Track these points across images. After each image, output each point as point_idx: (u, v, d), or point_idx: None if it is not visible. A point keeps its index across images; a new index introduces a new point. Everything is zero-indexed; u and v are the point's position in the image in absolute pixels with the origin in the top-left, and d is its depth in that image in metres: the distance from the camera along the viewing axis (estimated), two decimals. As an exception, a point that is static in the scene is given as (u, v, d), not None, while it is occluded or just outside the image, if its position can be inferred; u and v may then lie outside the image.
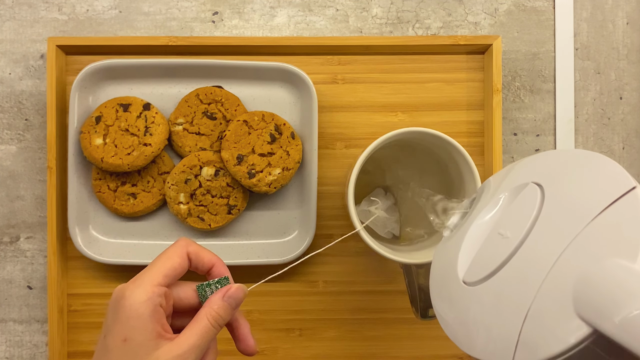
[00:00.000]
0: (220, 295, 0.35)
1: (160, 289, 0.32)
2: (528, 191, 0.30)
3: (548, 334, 0.24)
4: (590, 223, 0.25)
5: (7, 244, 0.50)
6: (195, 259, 0.35)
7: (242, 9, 0.51)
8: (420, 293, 0.43)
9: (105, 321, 0.33)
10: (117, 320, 0.32)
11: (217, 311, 0.34)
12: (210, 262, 0.36)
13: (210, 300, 0.34)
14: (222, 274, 0.36)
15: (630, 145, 0.52)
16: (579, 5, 0.52)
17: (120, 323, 0.32)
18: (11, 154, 0.51)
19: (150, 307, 0.32)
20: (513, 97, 0.52)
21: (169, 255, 0.34)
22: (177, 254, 0.34)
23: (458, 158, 0.43)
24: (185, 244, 0.35)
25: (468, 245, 0.32)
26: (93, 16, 0.51)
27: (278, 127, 0.47)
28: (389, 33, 0.51)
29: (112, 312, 0.32)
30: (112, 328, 0.32)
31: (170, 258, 0.34)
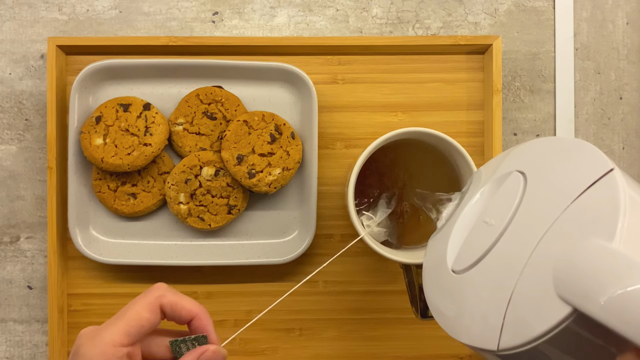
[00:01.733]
0: (196, 355, 0.31)
1: (120, 351, 0.29)
2: (512, 179, 0.31)
3: (530, 315, 0.24)
4: (569, 206, 0.26)
5: (7, 244, 0.50)
6: (171, 312, 0.31)
7: (242, 9, 0.51)
8: (420, 293, 0.43)
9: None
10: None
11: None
12: (189, 314, 0.32)
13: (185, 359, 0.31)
14: (203, 328, 0.32)
15: (630, 145, 0.52)
16: (579, 5, 0.52)
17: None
18: (11, 154, 0.51)
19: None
20: (513, 97, 0.52)
21: (137, 309, 0.30)
22: (147, 307, 0.31)
23: (458, 158, 0.43)
24: (159, 295, 0.31)
25: (456, 235, 0.32)
26: (93, 16, 0.51)
27: (278, 127, 0.47)
28: (389, 33, 0.51)
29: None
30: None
31: (138, 313, 0.30)
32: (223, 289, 0.50)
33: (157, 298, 0.31)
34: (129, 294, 0.50)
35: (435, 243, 0.35)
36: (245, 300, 0.50)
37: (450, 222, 0.34)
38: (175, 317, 0.32)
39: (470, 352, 0.51)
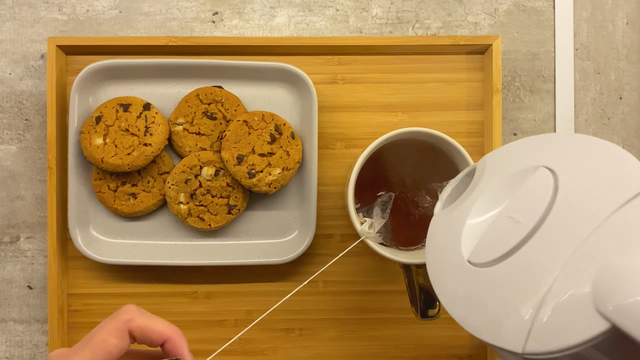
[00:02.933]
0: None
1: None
2: (540, 176, 0.29)
3: (564, 324, 0.24)
4: (611, 216, 0.25)
5: (7, 244, 0.50)
6: (141, 336, 0.30)
7: (242, 9, 0.51)
8: (420, 293, 0.43)
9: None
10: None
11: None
12: (161, 337, 0.30)
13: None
14: (176, 351, 0.30)
15: (630, 146, 0.52)
16: (579, 6, 0.52)
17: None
18: (11, 154, 0.51)
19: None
20: (513, 97, 0.52)
21: (104, 336, 0.29)
22: (115, 333, 0.29)
23: (458, 158, 0.43)
24: (128, 320, 0.29)
25: (472, 225, 0.31)
26: (93, 16, 0.51)
27: (278, 127, 0.47)
28: (389, 33, 0.51)
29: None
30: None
31: (104, 341, 0.28)
32: (223, 289, 0.50)
33: (125, 323, 0.29)
34: (129, 294, 0.50)
35: (443, 228, 0.33)
36: (245, 300, 0.50)
37: (461, 210, 0.32)
38: (146, 341, 0.30)
39: (470, 352, 0.51)
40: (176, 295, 0.50)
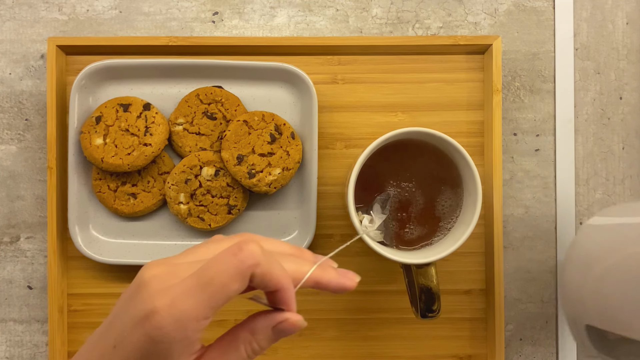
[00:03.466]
0: (271, 323, 0.27)
1: (202, 326, 0.25)
2: None
3: None
4: None
5: (7, 244, 0.50)
6: (259, 282, 0.26)
7: (242, 9, 0.51)
8: (420, 293, 0.43)
9: (115, 315, 0.25)
10: (127, 332, 0.24)
11: (260, 343, 0.27)
12: (276, 286, 0.27)
13: (255, 326, 0.27)
14: (285, 302, 0.27)
15: (630, 146, 0.52)
16: (579, 5, 0.52)
17: (131, 341, 0.24)
18: (11, 154, 0.51)
19: (182, 348, 0.24)
20: (513, 97, 0.52)
21: (225, 280, 0.25)
22: (239, 278, 0.25)
23: (458, 158, 0.43)
24: (253, 264, 0.25)
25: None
26: (93, 16, 0.51)
27: (278, 127, 0.47)
28: (389, 33, 0.51)
29: (127, 314, 0.25)
30: (118, 334, 0.24)
31: (227, 285, 0.25)
32: (223, 289, 0.50)
33: (250, 268, 0.25)
34: (129, 294, 0.50)
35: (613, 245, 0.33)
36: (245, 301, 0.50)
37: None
38: (260, 286, 0.26)
39: (470, 352, 0.51)
40: (176, 295, 0.50)
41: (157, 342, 0.24)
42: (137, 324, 0.24)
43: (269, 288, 0.27)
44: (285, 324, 0.27)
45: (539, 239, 0.51)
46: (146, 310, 0.24)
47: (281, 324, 0.27)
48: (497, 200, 0.48)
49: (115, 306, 0.26)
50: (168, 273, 0.25)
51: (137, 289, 0.25)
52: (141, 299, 0.25)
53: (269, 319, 0.27)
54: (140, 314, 0.24)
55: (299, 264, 0.28)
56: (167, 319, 0.24)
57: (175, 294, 0.24)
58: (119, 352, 0.24)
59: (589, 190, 0.52)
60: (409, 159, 0.45)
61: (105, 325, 0.26)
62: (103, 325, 0.26)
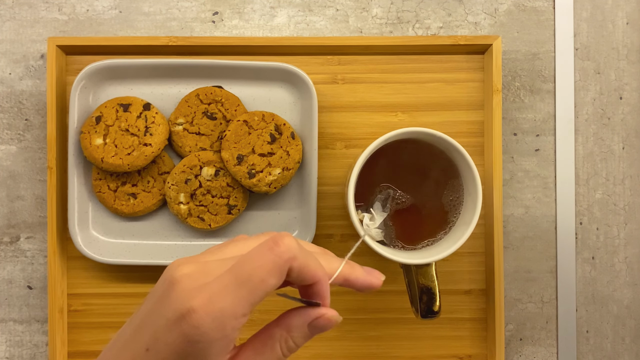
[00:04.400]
0: (306, 320, 0.26)
1: (240, 323, 0.24)
2: None
3: None
4: None
5: (7, 244, 0.50)
6: (297, 277, 0.25)
7: (242, 9, 0.51)
8: (420, 293, 0.43)
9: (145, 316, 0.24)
10: (161, 334, 0.23)
11: (296, 341, 0.26)
12: (312, 280, 0.26)
13: (290, 322, 0.26)
14: (320, 295, 0.26)
15: (630, 145, 0.52)
16: (579, 5, 0.52)
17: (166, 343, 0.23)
18: (11, 154, 0.51)
19: (220, 348, 0.23)
20: (513, 97, 0.52)
21: (264, 275, 0.24)
22: (277, 272, 0.24)
23: (458, 158, 0.43)
24: (290, 258, 0.24)
25: None
26: (93, 16, 0.51)
27: (278, 127, 0.47)
28: (389, 33, 0.51)
29: (159, 315, 0.23)
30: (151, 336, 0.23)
31: (265, 281, 0.24)
32: (223, 289, 0.50)
33: (287, 262, 0.24)
34: (129, 294, 0.50)
35: None
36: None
37: None
38: (296, 281, 0.26)
39: (470, 352, 0.51)
40: (176, 295, 0.50)
41: (194, 343, 0.23)
42: (172, 325, 0.23)
43: (305, 281, 0.26)
44: (321, 319, 0.26)
45: (539, 239, 0.51)
46: (182, 310, 0.23)
47: (317, 320, 0.26)
48: (497, 200, 0.48)
49: (143, 307, 0.25)
50: (199, 271, 0.24)
51: (169, 288, 0.24)
52: (175, 299, 0.23)
53: (304, 315, 0.26)
54: (176, 314, 0.23)
55: (328, 260, 0.28)
56: (205, 318, 0.23)
57: (212, 291, 0.23)
58: (153, 355, 0.23)
59: (589, 190, 0.52)
60: (409, 159, 0.45)
61: (133, 327, 0.25)
62: (129, 328, 0.25)
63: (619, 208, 0.52)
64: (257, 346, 0.26)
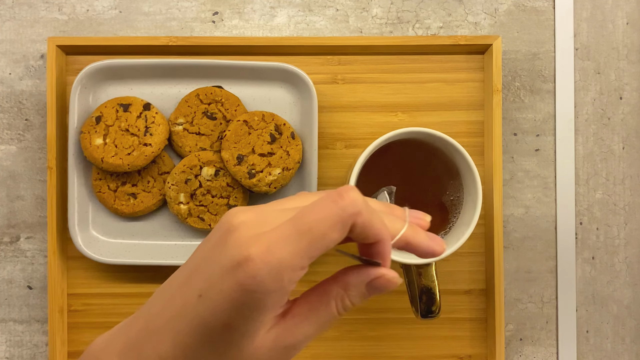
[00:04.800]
0: (365, 279, 0.25)
1: (298, 276, 0.23)
2: None
3: None
4: None
5: (7, 244, 0.50)
6: (360, 234, 0.24)
7: (242, 9, 0.51)
8: (420, 293, 0.43)
9: (200, 262, 0.23)
10: (216, 280, 0.22)
11: (352, 299, 0.25)
12: (375, 238, 0.24)
13: (348, 280, 0.25)
14: (382, 255, 0.25)
15: (630, 145, 0.52)
16: (579, 5, 0.52)
17: (220, 290, 0.22)
18: (11, 154, 0.51)
19: (274, 300, 0.23)
20: (513, 97, 0.52)
21: (325, 229, 0.22)
22: (340, 227, 0.23)
23: (458, 158, 0.43)
24: (354, 213, 0.23)
25: None
26: (93, 16, 0.51)
27: (278, 127, 0.47)
28: (389, 33, 0.51)
29: (215, 261, 0.22)
30: (205, 282, 0.22)
31: (326, 235, 0.22)
32: (223, 289, 0.50)
33: (351, 216, 0.23)
34: (129, 294, 0.50)
35: None
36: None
37: None
38: (359, 238, 0.24)
39: (470, 352, 0.51)
40: (176, 295, 0.50)
41: (250, 292, 0.22)
42: (227, 272, 0.22)
43: (368, 239, 0.24)
44: (381, 280, 0.25)
45: (539, 239, 0.51)
46: (239, 257, 0.22)
47: (377, 280, 0.25)
48: (497, 200, 0.48)
49: (197, 253, 0.24)
50: (258, 219, 0.23)
51: (226, 234, 0.23)
52: (233, 246, 0.22)
53: (364, 274, 0.25)
54: (232, 261, 0.22)
55: (391, 220, 0.27)
56: (263, 268, 0.22)
57: (271, 241, 0.22)
58: (206, 302, 0.22)
59: (589, 190, 0.52)
60: (409, 159, 0.45)
61: (187, 273, 0.24)
62: (182, 273, 0.24)
63: (619, 208, 0.52)
64: (312, 301, 0.25)
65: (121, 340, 0.24)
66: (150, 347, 0.23)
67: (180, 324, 0.23)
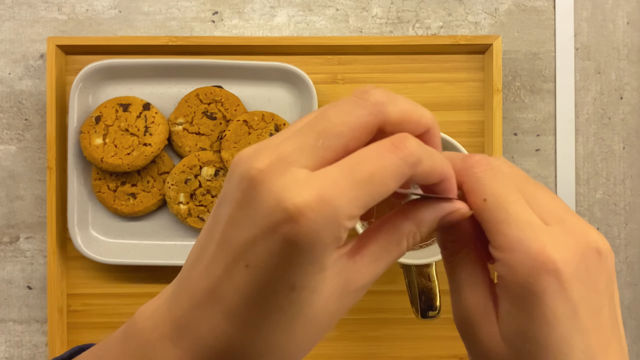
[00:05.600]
0: (440, 214, 0.23)
1: (352, 224, 0.21)
2: None
3: None
4: None
5: (7, 244, 0.50)
6: (421, 179, 0.22)
7: (242, 9, 0.51)
8: (420, 293, 0.43)
9: (227, 220, 0.21)
10: (261, 244, 0.20)
11: (423, 235, 0.23)
12: (440, 178, 0.22)
13: (422, 217, 0.23)
14: (449, 190, 0.23)
15: (630, 145, 0.52)
16: (579, 5, 0.52)
17: (267, 253, 0.20)
18: (11, 154, 0.50)
19: (329, 252, 0.20)
20: (513, 97, 0.52)
21: (385, 179, 0.20)
22: (397, 178, 0.20)
23: (458, 158, 0.43)
24: (416, 162, 0.21)
25: None
26: (93, 16, 0.51)
27: (278, 127, 0.47)
28: (389, 33, 0.51)
29: (252, 221, 0.20)
30: (248, 247, 0.20)
31: (386, 184, 0.20)
32: (223, 289, 0.50)
33: (413, 166, 0.21)
34: (129, 294, 0.50)
35: None
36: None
37: None
38: (419, 182, 0.22)
39: (470, 352, 0.51)
40: (176, 295, 0.50)
41: (306, 249, 0.20)
42: (272, 232, 0.19)
43: (431, 181, 0.22)
44: (456, 214, 0.23)
45: (539, 239, 0.51)
46: (283, 214, 0.19)
47: (452, 214, 0.23)
48: (498, 200, 0.48)
49: (219, 218, 0.21)
50: (281, 163, 0.20)
51: (251, 188, 0.20)
52: (267, 200, 0.19)
53: (438, 209, 0.23)
54: (274, 218, 0.19)
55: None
56: (317, 219, 0.19)
57: (322, 187, 0.20)
58: (255, 271, 0.20)
59: (589, 190, 0.52)
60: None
61: (216, 243, 0.21)
62: (211, 245, 0.21)
63: (620, 208, 0.52)
64: (382, 241, 0.23)
65: (168, 321, 0.22)
66: (204, 326, 0.21)
67: (233, 295, 0.20)
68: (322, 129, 0.21)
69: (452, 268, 0.25)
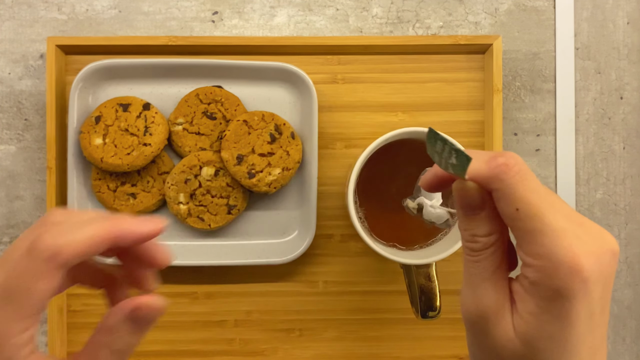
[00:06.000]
0: (126, 314, 0.23)
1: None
2: None
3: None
4: None
5: (7, 244, 0.50)
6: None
7: (242, 9, 0.51)
8: (420, 293, 0.43)
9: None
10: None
11: (122, 346, 0.23)
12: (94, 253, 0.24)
13: (108, 325, 0.23)
14: (144, 279, 0.24)
15: (630, 145, 0.52)
16: (580, 5, 0.52)
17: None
18: (11, 154, 0.50)
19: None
20: (513, 97, 0.52)
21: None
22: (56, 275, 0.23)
23: (458, 158, 0.43)
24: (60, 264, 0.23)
25: None
26: (93, 16, 0.51)
27: (278, 127, 0.47)
28: (389, 33, 0.51)
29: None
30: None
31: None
32: (223, 289, 0.50)
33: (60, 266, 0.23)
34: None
35: None
36: (245, 301, 0.50)
37: None
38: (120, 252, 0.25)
39: (470, 352, 0.51)
40: (176, 295, 0.50)
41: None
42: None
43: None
44: (142, 308, 0.23)
45: (539, 239, 0.51)
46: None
47: (136, 306, 0.23)
48: (498, 200, 0.48)
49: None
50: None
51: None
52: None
53: (123, 305, 0.24)
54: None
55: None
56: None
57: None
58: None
59: (589, 190, 0.52)
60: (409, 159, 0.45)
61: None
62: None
63: (620, 208, 0.52)
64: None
65: None
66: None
67: None
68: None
69: (475, 262, 0.25)
